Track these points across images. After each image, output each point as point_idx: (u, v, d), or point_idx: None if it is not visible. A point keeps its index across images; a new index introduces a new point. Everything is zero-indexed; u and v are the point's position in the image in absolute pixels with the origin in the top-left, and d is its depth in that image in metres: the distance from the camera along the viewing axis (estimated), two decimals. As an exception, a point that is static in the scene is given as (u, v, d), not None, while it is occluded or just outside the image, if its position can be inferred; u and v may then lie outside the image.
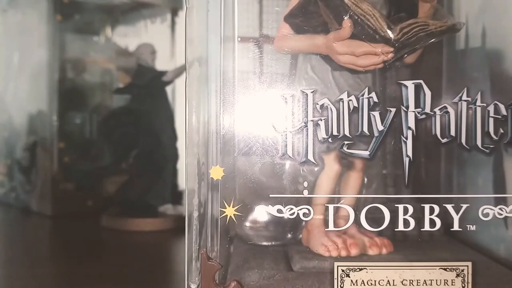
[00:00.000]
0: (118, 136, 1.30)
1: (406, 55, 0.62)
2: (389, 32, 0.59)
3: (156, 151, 1.27)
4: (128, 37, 1.59)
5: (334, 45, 0.61)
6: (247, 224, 0.64)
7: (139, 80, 1.29)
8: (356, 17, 0.59)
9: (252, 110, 0.60)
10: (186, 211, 0.57)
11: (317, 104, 0.58)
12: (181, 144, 1.29)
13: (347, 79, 0.64)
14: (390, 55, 0.59)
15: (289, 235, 0.70)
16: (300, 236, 0.70)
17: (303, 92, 0.58)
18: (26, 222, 1.37)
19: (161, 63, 1.38)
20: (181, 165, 1.30)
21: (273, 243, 0.69)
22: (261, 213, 0.59)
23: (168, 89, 1.33)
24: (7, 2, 1.58)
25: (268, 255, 0.67)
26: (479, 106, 0.58)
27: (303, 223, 0.66)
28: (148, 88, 1.28)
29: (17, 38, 1.55)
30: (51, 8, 1.40)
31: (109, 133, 1.31)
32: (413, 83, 0.58)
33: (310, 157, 0.58)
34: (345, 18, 0.59)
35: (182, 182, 1.31)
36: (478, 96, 0.58)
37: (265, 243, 0.70)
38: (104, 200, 1.38)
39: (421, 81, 0.58)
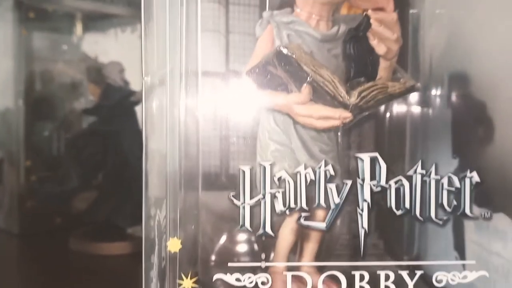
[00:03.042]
0: (86, 157, 1.28)
1: (364, 118, 0.62)
2: (347, 97, 0.60)
3: (124, 172, 1.26)
4: (98, 45, 1.56)
5: (293, 107, 0.61)
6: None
7: (107, 100, 1.27)
8: (315, 84, 0.59)
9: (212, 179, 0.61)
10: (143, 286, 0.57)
11: (275, 176, 0.59)
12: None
13: (309, 131, 0.65)
14: (348, 120, 0.60)
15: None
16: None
17: (261, 164, 0.59)
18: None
19: (132, 74, 1.37)
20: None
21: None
22: (220, 282, 0.60)
23: (138, 108, 1.32)
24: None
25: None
26: (434, 178, 0.59)
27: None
28: (117, 108, 1.26)
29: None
30: (16, 20, 1.37)
31: (77, 155, 1.29)
32: (368, 156, 0.59)
33: (268, 229, 0.59)
34: (304, 85, 0.59)
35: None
36: (433, 169, 0.59)
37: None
38: (73, 217, 1.37)
39: (376, 154, 0.59)
